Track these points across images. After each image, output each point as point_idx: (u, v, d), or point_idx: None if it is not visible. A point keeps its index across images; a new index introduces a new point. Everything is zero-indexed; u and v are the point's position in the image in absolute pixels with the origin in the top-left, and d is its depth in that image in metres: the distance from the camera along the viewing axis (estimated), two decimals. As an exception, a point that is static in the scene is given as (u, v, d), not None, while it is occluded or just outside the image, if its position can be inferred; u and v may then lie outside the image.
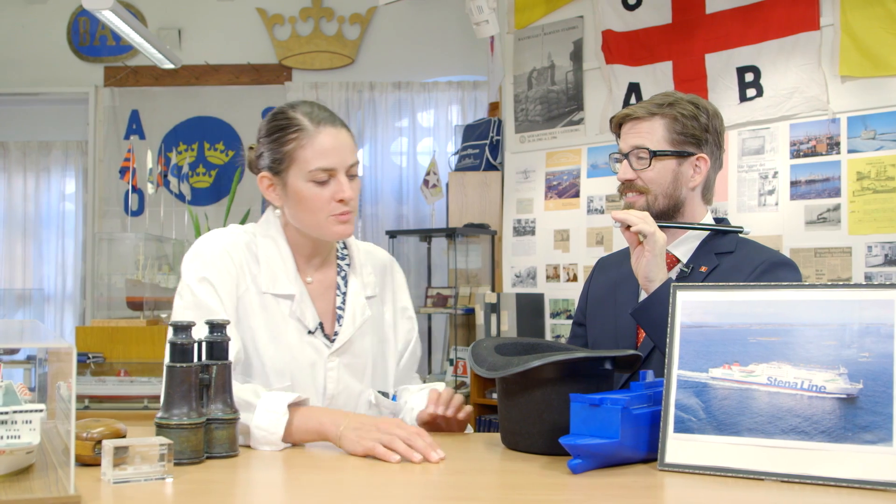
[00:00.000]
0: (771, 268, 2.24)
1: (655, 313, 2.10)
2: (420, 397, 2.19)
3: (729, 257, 2.30)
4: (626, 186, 2.36)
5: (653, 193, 2.33)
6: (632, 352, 1.83)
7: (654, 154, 2.31)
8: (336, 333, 2.18)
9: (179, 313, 2.08)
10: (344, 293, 2.23)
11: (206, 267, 2.10)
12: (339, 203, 2.10)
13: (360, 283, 2.25)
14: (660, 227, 2.27)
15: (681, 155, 2.33)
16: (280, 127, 2.13)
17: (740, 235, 2.36)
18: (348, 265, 2.27)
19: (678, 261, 2.34)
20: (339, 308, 2.21)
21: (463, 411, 2.08)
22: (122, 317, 6.32)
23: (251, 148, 2.24)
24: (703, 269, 2.28)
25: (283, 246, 2.18)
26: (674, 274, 2.32)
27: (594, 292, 2.52)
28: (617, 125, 2.44)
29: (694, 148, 2.34)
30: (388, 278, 2.36)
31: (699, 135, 2.35)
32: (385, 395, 2.24)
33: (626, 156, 2.36)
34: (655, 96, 2.40)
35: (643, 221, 2.17)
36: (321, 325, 2.17)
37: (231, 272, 2.11)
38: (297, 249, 2.20)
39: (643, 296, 2.20)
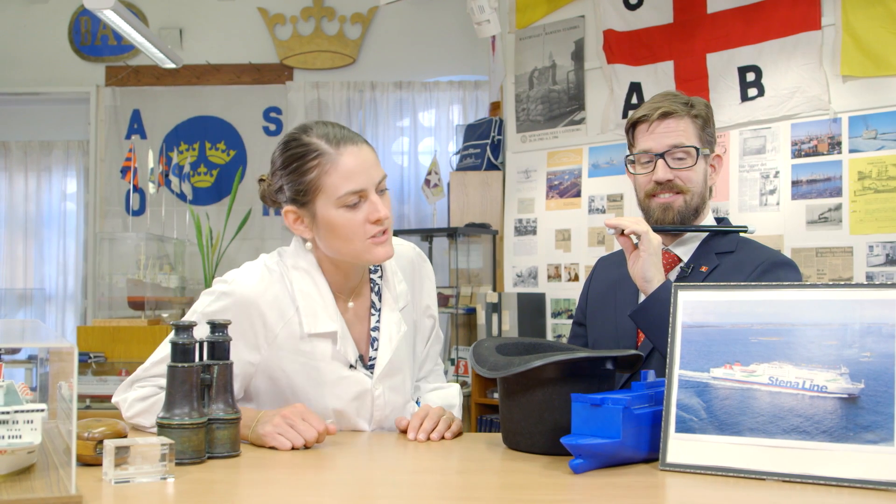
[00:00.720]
0: (771, 268, 2.23)
1: (654, 315, 2.10)
2: (428, 397, 2.23)
3: (729, 257, 2.29)
4: (664, 187, 2.32)
5: (691, 193, 2.32)
6: (633, 352, 1.83)
7: (699, 152, 2.32)
8: (372, 358, 2.11)
9: (162, 348, 2.03)
10: (379, 310, 2.14)
11: (206, 329, 1.99)
12: (374, 224, 1.99)
13: (393, 296, 2.16)
14: (660, 230, 2.28)
15: (707, 154, 2.35)
16: (297, 155, 1.99)
17: (742, 235, 2.35)
18: (381, 277, 2.17)
19: (679, 260, 2.34)
20: (374, 329, 2.13)
21: (436, 433, 1.98)
22: (124, 316, 6.34)
23: (262, 179, 2.12)
24: (704, 268, 2.28)
25: (319, 278, 2.07)
26: (674, 274, 2.32)
27: (594, 292, 2.51)
28: (633, 124, 2.39)
29: (711, 147, 2.36)
30: (416, 276, 2.26)
31: (714, 134, 2.38)
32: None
33: (660, 156, 2.31)
34: (667, 95, 2.38)
35: (636, 223, 2.17)
36: (360, 356, 2.10)
37: (248, 331, 2.01)
38: (333, 279, 2.09)
39: (643, 297, 2.20)
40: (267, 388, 2.08)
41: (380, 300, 2.15)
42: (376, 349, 2.11)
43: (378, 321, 2.13)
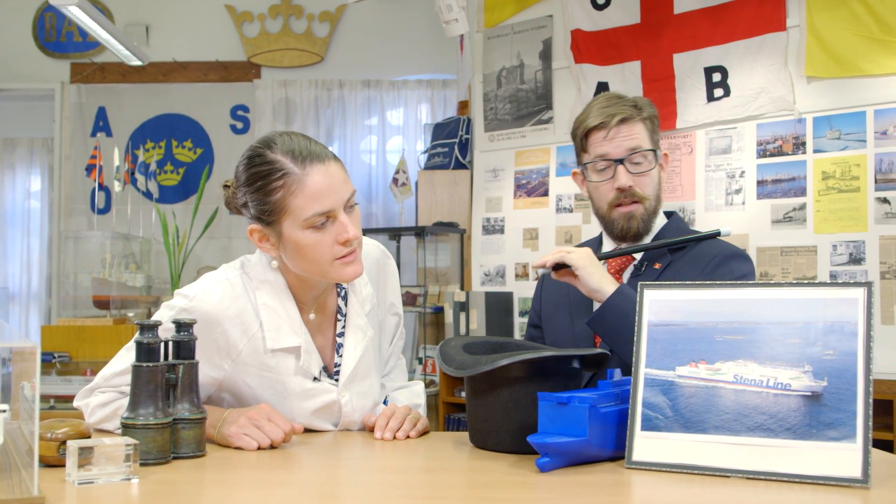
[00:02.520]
0: (724, 261, 2.24)
1: (610, 321, 2.09)
2: (394, 396, 2.22)
3: (681, 253, 2.29)
4: (626, 195, 2.29)
5: (650, 198, 2.31)
6: (600, 350, 1.83)
7: (655, 155, 2.31)
8: (338, 365, 2.09)
9: (121, 357, 2.01)
10: (345, 316, 2.11)
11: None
12: (342, 245, 1.92)
13: (359, 300, 2.13)
14: (647, 248, 2.27)
15: (656, 154, 2.34)
16: (261, 174, 1.90)
17: (691, 229, 2.35)
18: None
19: (632, 259, 2.33)
20: (339, 335, 2.10)
21: (401, 432, 1.98)
22: (89, 316, 6.28)
23: (227, 185, 2.07)
24: (657, 266, 2.28)
25: (283, 291, 2.02)
26: (627, 273, 2.31)
27: (547, 296, 2.49)
28: (587, 131, 2.35)
29: (659, 146, 2.36)
30: (381, 275, 2.23)
31: (659, 131, 2.37)
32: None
33: (620, 161, 2.28)
34: (611, 99, 2.34)
35: (553, 254, 2.18)
36: (324, 367, 2.07)
37: (210, 346, 1.97)
38: (298, 290, 2.04)
39: (596, 305, 2.19)
40: (231, 402, 2.06)
41: (345, 304, 2.13)
42: (341, 355, 2.09)
43: (344, 327, 2.11)
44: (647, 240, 2.35)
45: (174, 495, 1.50)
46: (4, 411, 1.47)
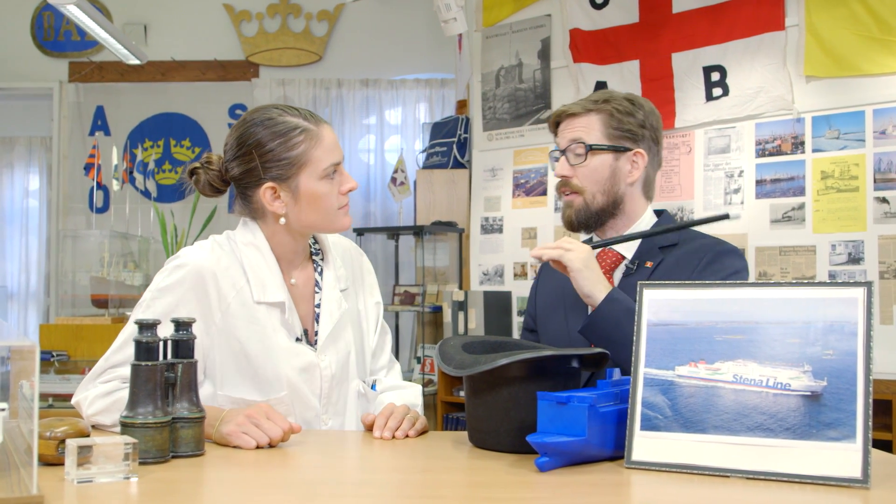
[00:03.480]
0: (716, 257, 2.23)
1: (602, 329, 2.07)
2: (385, 397, 2.22)
3: (673, 250, 2.28)
4: (564, 185, 2.35)
5: (589, 192, 2.31)
6: (599, 350, 1.83)
7: (590, 148, 2.30)
8: (317, 333, 2.17)
9: (118, 341, 2.06)
10: (321, 289, 2.21)
11: (164, 303, 2.06)
12: (343, 195, 2.16)
13: (334, 276, 2.24)
14: (638, 236, 2.27)
15: (617, 150, 2.32)
16: (281, 132, 2.09)
17: (704, 224, 2.33)
18: (322, 259, 2.25)
19: (623, 258, 2.32)
20: (317, 306, 2.20)
21: (400, 431, 1.99)
22: (87, 314, 6.27)
23: (206, 164, 2.18)
24: (649, 264, 2.26)
25: (268, 254, 2.15)
26: (619, 272, 2.30)
27: (542, 298, 2.48)
28: (554, 123, 2.42)
29: (630, 143, 2.33)
30: (356, 268, 2.35)
31: (636, 130, 2.33)
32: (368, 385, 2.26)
33: (563, 152, 2.35)
34: (592, 94, 2.42)
35: (552, 249, 2.16)
36: (305, 331, 2.16)
37: (203, 299, 2.07)
38: (281, 255, 2.17)
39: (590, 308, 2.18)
40: (223, 360, 2.08)
41: (322, 279, 2.23)
42: (319, 324, 2.17)
43: (321, 299, 2.20)
44: (632, 242, 2.33)
45: (173, 494, 1.49)
46: (3, 410, 1.47)
